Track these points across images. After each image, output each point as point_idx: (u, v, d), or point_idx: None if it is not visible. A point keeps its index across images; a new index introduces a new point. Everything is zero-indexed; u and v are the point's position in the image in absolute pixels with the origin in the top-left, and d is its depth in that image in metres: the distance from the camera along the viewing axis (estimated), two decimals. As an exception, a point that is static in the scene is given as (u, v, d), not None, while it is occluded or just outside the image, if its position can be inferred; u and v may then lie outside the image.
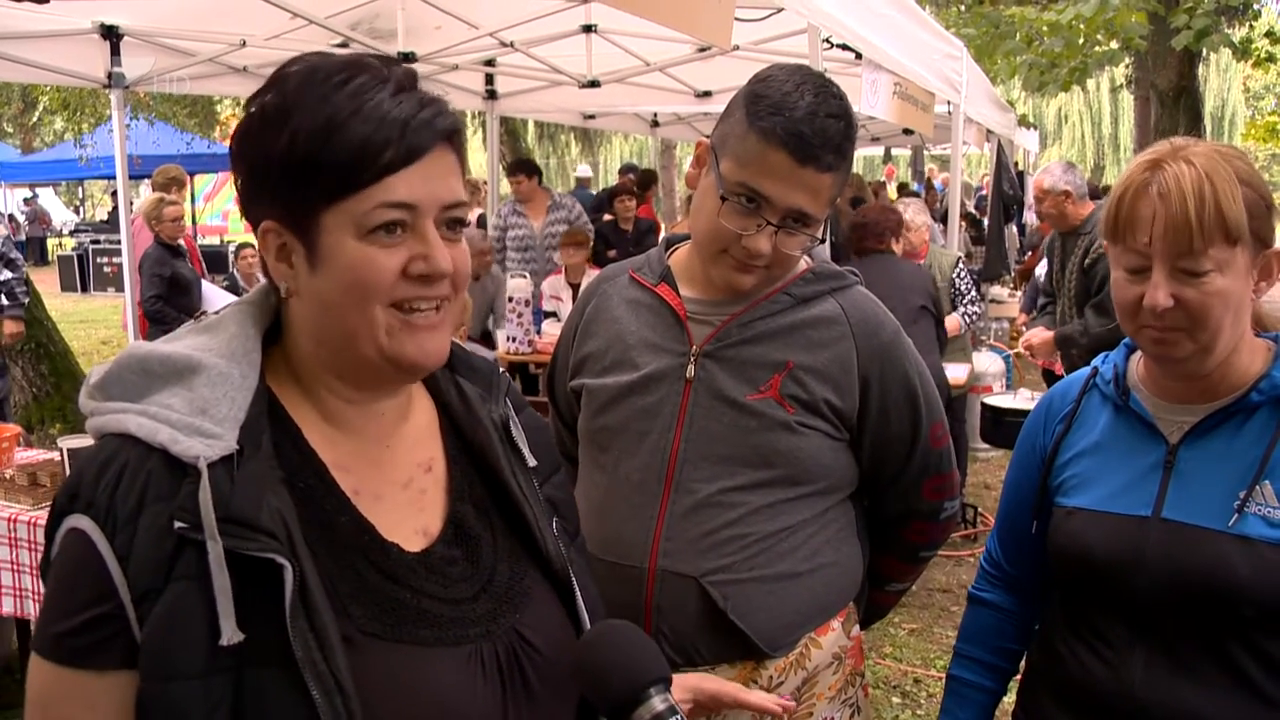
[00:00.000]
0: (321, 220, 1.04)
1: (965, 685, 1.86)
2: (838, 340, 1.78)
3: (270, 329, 1.15)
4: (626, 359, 1.83)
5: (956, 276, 6.07)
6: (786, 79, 1.68)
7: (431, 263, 1.06)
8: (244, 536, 0.97)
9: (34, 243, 26.07)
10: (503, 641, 1.13)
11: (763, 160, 1.65)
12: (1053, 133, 40.60)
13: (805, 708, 1.82)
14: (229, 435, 1.02)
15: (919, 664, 4.50)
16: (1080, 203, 5.40)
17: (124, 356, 1.08)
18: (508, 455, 1.23)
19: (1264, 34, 13.17)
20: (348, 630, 1.02)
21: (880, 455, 1.84)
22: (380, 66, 1.07)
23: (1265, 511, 1.45)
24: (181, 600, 0.97)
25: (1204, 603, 1.47)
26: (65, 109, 14.93)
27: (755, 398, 1.75)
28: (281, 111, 1.04)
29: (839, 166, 1.67)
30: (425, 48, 5.91)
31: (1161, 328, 1.46)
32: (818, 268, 1.84)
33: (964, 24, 12.11)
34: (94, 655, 0.98)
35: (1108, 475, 1.60)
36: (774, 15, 4.80)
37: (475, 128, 24.09)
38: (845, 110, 1.68)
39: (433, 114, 1.06)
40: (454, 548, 1.15)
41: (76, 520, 1.00)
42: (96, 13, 5.22)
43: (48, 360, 8.21)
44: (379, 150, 1.02)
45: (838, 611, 1.85)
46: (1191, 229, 1.40)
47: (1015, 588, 1.84)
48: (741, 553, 1.75)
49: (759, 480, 1.76)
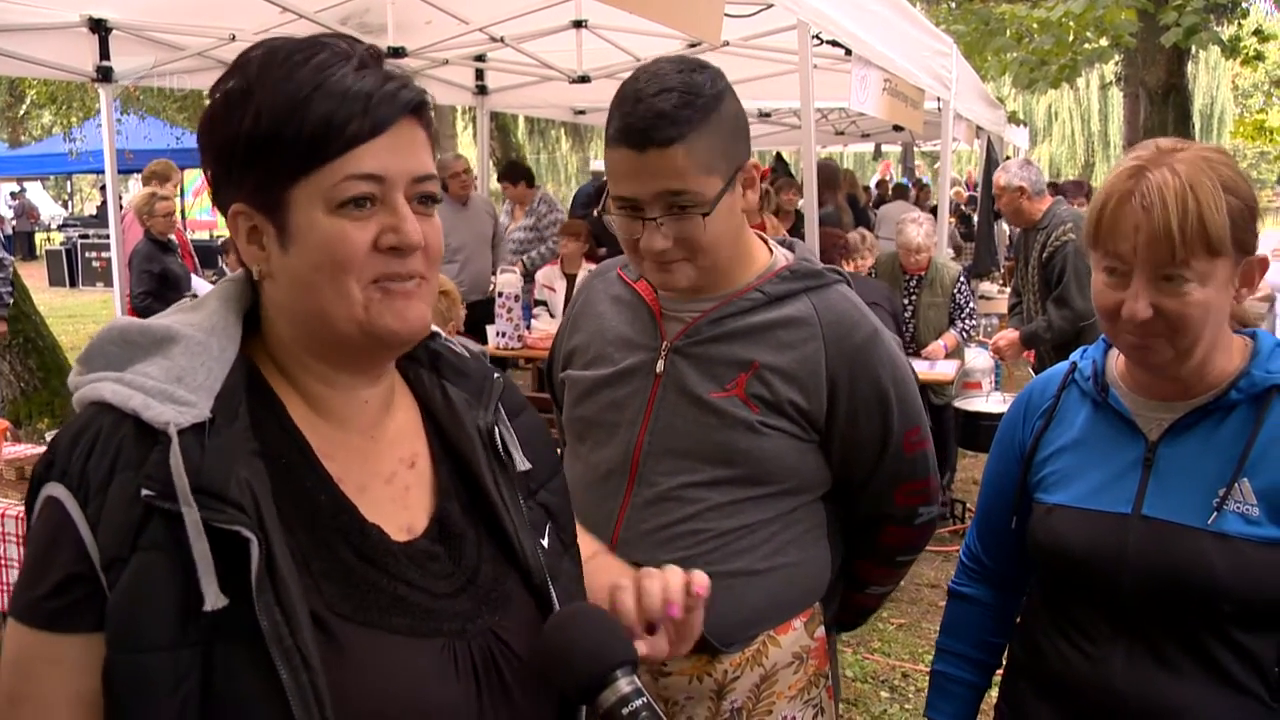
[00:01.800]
0: (290, 197, 1.04)
1: (949, 680, 1.87)
2: (806, 341, 1.76)
3: (253, 313, 1.14)
4: (605, 353, 1.86)
5: (957, 291, 6.08)
6: (632, 79, 1.67)
7: (402, 234, 1.05)
8: (211, 507, 0.97)
9: (22, 237, 25.97)
10: (478, 641, 1.11)
11: (614, 164, 1.67)
12: (1042, 130, 40.68)
13: (765, 705, 1.82)
14: (203, 404, 1.01)
15: (907, 658, 4.52)
16: (1036, 198, 5.44)
17: (105, 330, 1.08)
18: (491, 464, 1.21)
19: (1252, 32, 13.23)
20: (317, 608, 1.01)
21: (849, 458, 1.83)
22: (341, 44, 1.07)
23: (1243, 509, 1.47)
24: (148, 570, 0.96)
25: (1183, 599, 1.48)
26: (53, 103, 14.87)
27: (719, 396, 1.75)
28: (244, 93, 1.04)
29: (686, 133, 1.60)
30: (415, 42, 5.90)
31: (1141, 334, 1.46)
32: (796, 265, 1.82)
33: (954, 20, 12.15)
34: (68, 618, 0.98)
35: (1087, 472, 1.61)
36: (763, 11, 4.81)
37: (466, 123, 24.05)
38: (682, 82, 1.62)
39: (397, 87, 1.06)
40: (438, 544, 1.14)
41: (52, 488, 1.01)
42: (85, 6, 5.20)
43: (36, 355, 8.19)
44: (344, 122, 1.02)
45: (799, 612, 1.84)
46: (1174, 240, 1.39)
47: (995, 582, 1.86)
48: (697, 547, 1.75)
49: (719, 477, 1.76)
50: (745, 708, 1.81)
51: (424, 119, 1.09)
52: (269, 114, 1.02)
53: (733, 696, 1.80)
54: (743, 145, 1.72)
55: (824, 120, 11.39)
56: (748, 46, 5.70)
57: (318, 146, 1.02)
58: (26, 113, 22.71)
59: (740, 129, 1.71)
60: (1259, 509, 1.46)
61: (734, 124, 1.69)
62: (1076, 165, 39.57)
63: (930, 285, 6.10)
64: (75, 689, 0.99)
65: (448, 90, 7.52)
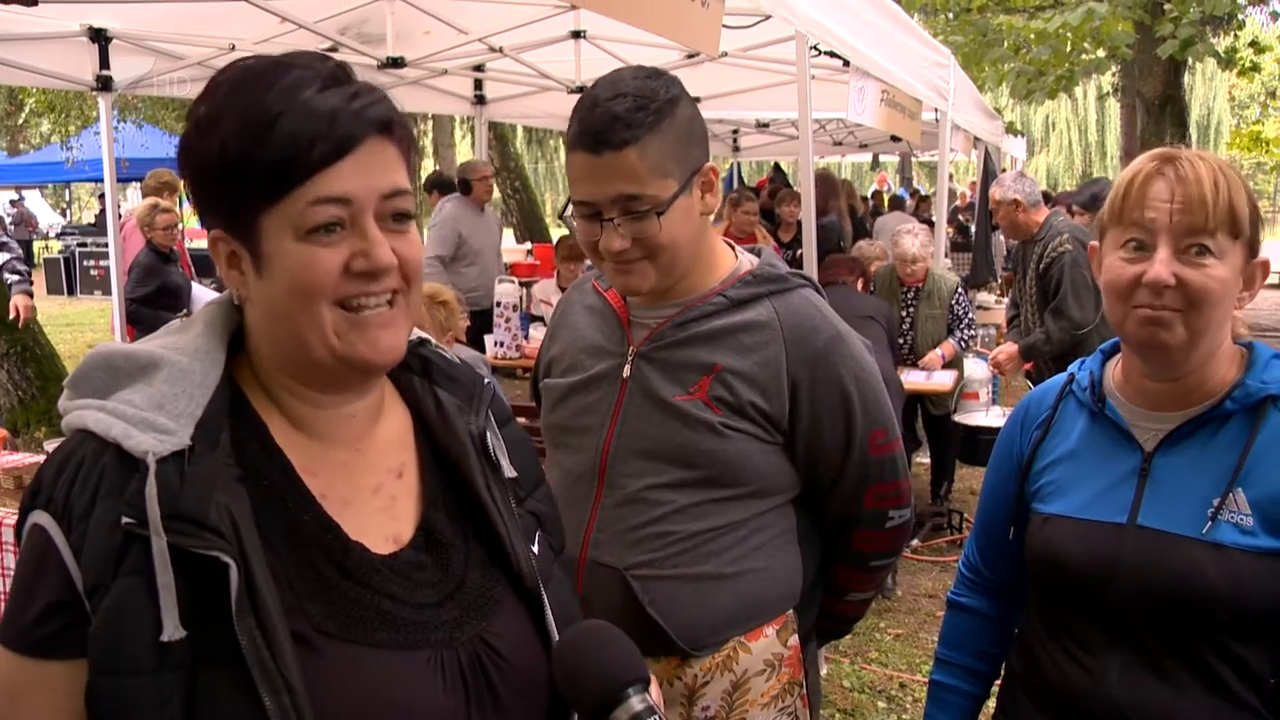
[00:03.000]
0: (261, 224, 1.04)
1: (947, 690, 1.87)
2: (767, 344, 1.78)
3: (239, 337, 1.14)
4: (578, 361, 1.91)
5: (955, 302, 6.07)
6: (590, 89, 1.72)
7: (372, 259, 1.05)
8: (189, 534, 0.97)
9: (20, 245, 25.94)
10: (466, 648, 1.12)
11: (572, 169, 1.71)
12: (1040, 140, 40.78)
13: (738, 712, 1.83)
14: (183, 431, 1.02)
15: (904, 669, 4.51)
16: (1032, 210, 5.43)
17: (92, 355, 1.09)
18: (483, 468, 1.21)
19: (1248, 43, 13.28)
20: (301, 628, 1.02)
21: (815, 460, 1.85)
22: (310, 62, 1.06)
23: (1238, 519, 1.47)
24: (128, 596, 0.97)
25: (1178, 608, 1.48)
26: (52, 111, 14.88)
27: (683, 399, 1.78)
28: (213, 120, 1.04)
29: (639, 136, 1.64)
30: (414, 52, 5.91)
31: (1158, 306, 1.47)
32: (759, 270, 1.84)
33: (952, 31, 12.19)
34: (52, 645, 0.99)
35: (1084, 482, 1.62)
36: (762, 22, 4.82)
37: (464, 133, 24.06)
38: (637, 87, 1.67)
39: (363, 104, 1.04)
40: (423, 554, 1.15)
41: (37, 516, 1.02)
42: (85, 15, 5.21)
43: (33, 363, 8.19)
44: (308, 145, 1.01)
45: (771, 618, 1.85)
46: (1208, 208, 1.44)
47: (994, 592, 1.86)
48: (665, 550, 1.78)
49: (685, 479, 1.79)
50: (718, 715, 1.83)
51: (394, 135, 1.08)
52: (234, 142, 1.02)
53: (704, 702, 1.81)
54: (698, 149, 1.75)
55: (822, 131, 11.42)
56: (746, 57, 5.72)
57: (282, 174, 1.02)
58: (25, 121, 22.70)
59: (696, 134, 1.74)
60: (1253, 519, 1.47)
61: (688, 128, 1.72)
62: (1074, 175, 39.64)
63: (928, 297, 6.10)
64: (61, 714, 1.00)
65: (446, 100, 7.54)
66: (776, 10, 3.66)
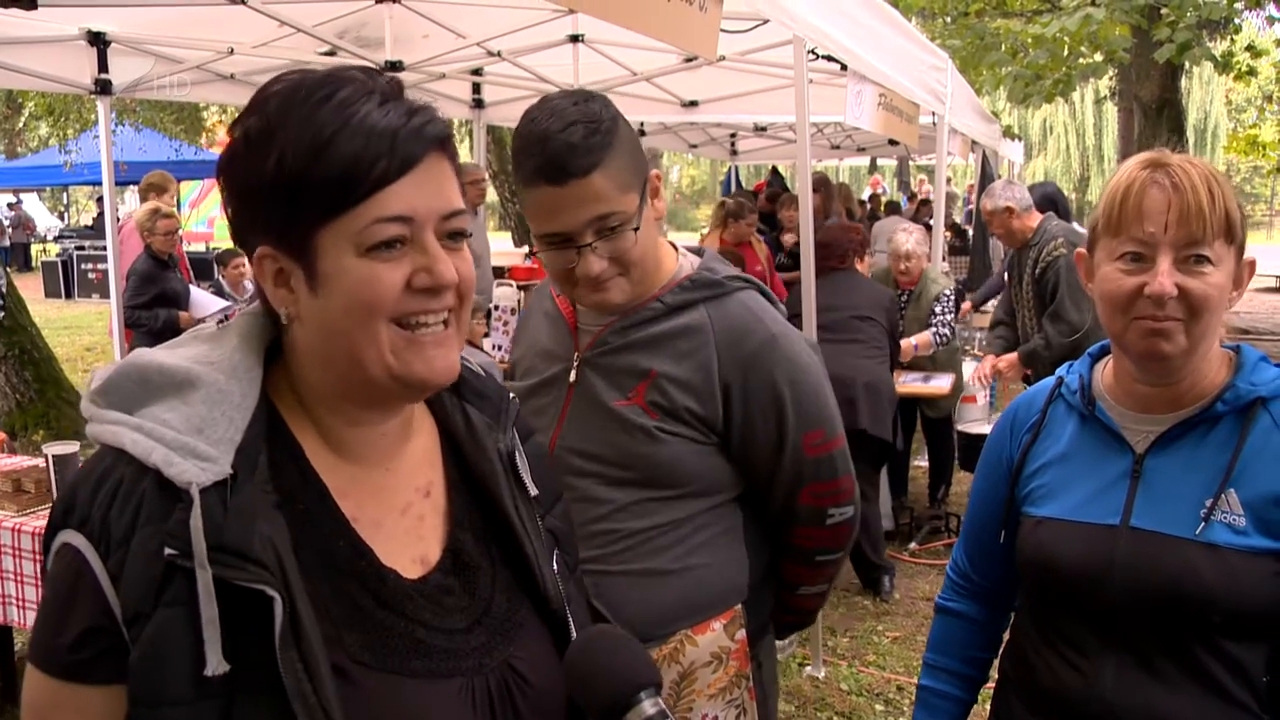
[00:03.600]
0: (318, 241, 1.02)
1: (935, 695, 1.88)
2: (700, 349, 1.84)
3: (272, 346, 1.13)
4: (533, 366, 2.00)
5: (935, 300, 6.05)
6: (525, 121, 1.74)
7: (435, 274, 1.04)
8: (235, 566, 0.96)
9: (18, 248, 25.97)
10: (495, 675, 1.12)
11: (536, 204, 1.74)
12: (1038, 144, 40.84)
13: (685, 702, 1.89)
14: (224, 459, 1.00)
15: (902, 671, 4.52)
16: (1025, 215, 5.41)
17: (125, 364, 1.07)
18: (511, 488, 1.21)
19: (1245, 48, 13.30)
20: (338, 659, 1.01)
21: (749, 460, 1.91)
22: (364, 78, 1.05)
23: (1230, 519, 1.48)
24: (170, 626, 0.96)
25: (1172, 609, 1.49)
26: (50, 114, 14.88)
27: (622, 404, 1.85)
28: (266, 134, 1.02)
29: (601, 159, 1.70)
30: (412, 56, 5.91)
31: (1161, 317, 1.47)
32: (696, 275, 1.89)
33: (949, 35, 12.21)
34: (88, 670, 0.99)
35: (1075, 485, 1.63)
36: (759, 27, 4.83)
37: (462, 136, 24.08)
38: (582, 113, 1.71)
39: (422, 122, 1.04)
40: (451, 576, 1.14)
41: (70, 536, 1.00)
42: (83, 19, 5.21)
43: (31, 367, 8.18)
44: (370, 164, 1.00)
45: (717, 613, 1.91)
46: (1205, 217, 1.45)
47: (983, 597, 1.87)
48: (610, 546, 1.85)
49: (624, 479, 1.85)
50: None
51: (449, 151, 1.08)
52: (293, 156, 1.00)
53: None
54: (643, 159, 1.81)
55: (819, 134, 11.42)
56: (744, 61, 5.72)
57: (345, 189, 1.00)
58: (24, 124, 22.71)
59: (637, 145, 1.81)
60: (1246, 519, 1.48)
61: (633, 141, 1.79)
62: (1071, 179, 39.70)
63: (916, 301, 6.10)
64: None
65: (445, 104, 7.53)
66: (774, 14, 3.67)
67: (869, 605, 5.26)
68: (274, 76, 1.08)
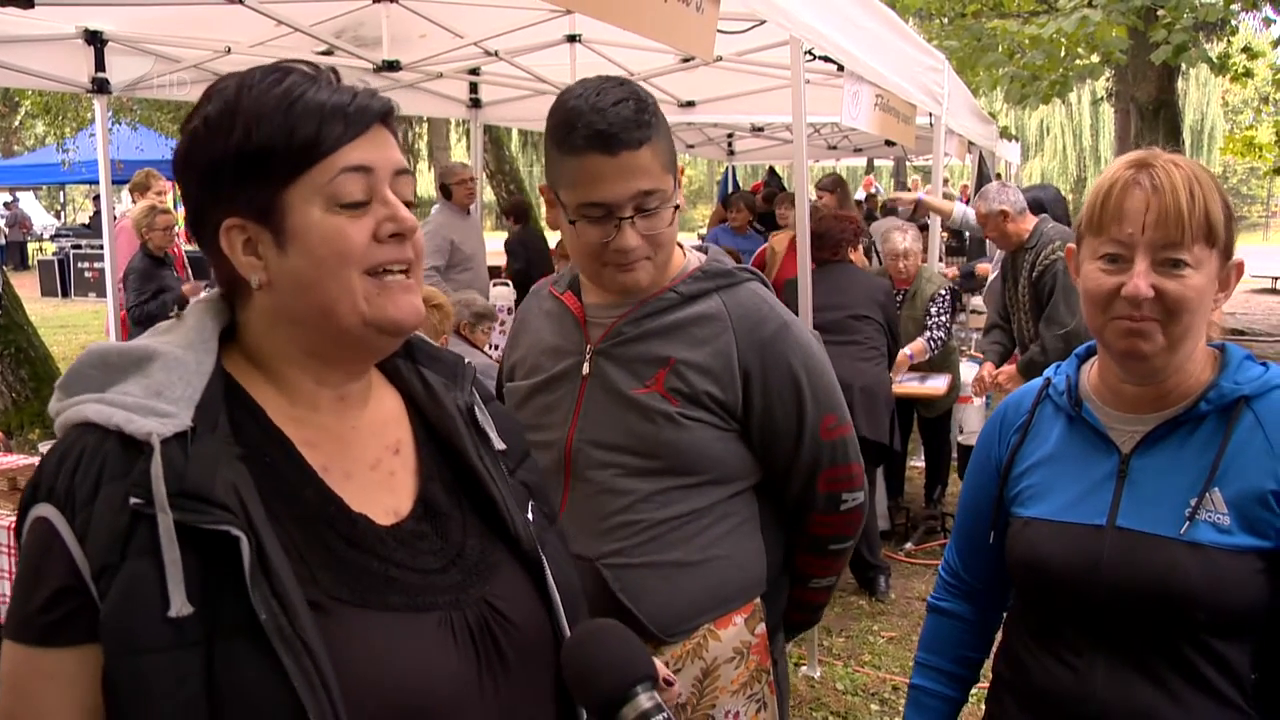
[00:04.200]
0: (286, 200, 1.09)
1: (927, 694, 1.89)
2: (718, 335, 1.87)
3: (227, 331, 1.17)
4: (538, 364, 1.99)
5: (931, 301, 6.00)
6: (568, 97, 1.77)
7: (399, 220, 1.12)
8: (198, 510, 0.99)
9: (14, 247, 25.94)
10: (473, 610, 1.14)
11: (583, 172, 1.75)
12: (1034, 145, 40.90)
13: (708, 699, 1.89)
14: (183, 414, 1.04)
15: (898, 671, 4.52)
16: (1019, 218, 5.33)
17: (84, 356, 1.11)
18: (474, 439, 1.26)
19: (1241, 49, 13.33)
20: (315, 596, 1.04)
21: (768, 445, 1.92)
22: (306, 69, 1.14)
23: (1215, 518, 1.49)
24: (138, 575, 0.98)
25: (1159, 608, 1.50)
26: (47, 113, 14.87)
27: (641, 392, 1.86)
28: (227, 113, 1.09)
29: (651, 136, 1.75)
30: (410, 56, 5.92)
31: (1137, 317, 1.49)
32: (708, 266, 1.93)
33: (946, 36, 12.22)
34: (61, 631, 1.00)
35: (1063, 485, 1.64)
36: (756, 27, 4.84)
37: (459, 135, 24.06)
38: (629, 91, 1.77)
39: (368, 98, 1.13)
40: (423, 523, 1.18)
41: (40, 509, 1.03)
42: (81, 18, 5.22)
43: (27, 365, 8.19)
44: (330, 124, 1.09)
45: (739, 606, 1.92)
46: (1183, 220, 1.45)
47: (974, 597, 1.88)
48: (634, 538, 1.85)
49: (647, 468, 1.85)
50: (689, 702, 1.88)
51: (391, 126, 1.16)
52: (259, 125, 1.08)
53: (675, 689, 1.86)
54: (674, 147, 1.85)
55: (816, 135, 11.44)
56: (741, 61, 5.73)
57: (309, 147, 1.08)
58: (20, 123, 22.69)
59: (670, 132, 1.85)
60: (1230, 518, 1.49)
61: (669, 127, 1.84)
62: (1069, 180, 39.76)
63: (911, 300, 6.06)
64: (73, 702, 1.01)
65: (442, 103, 7.55)
66: (771, 15, 3.68)
67: (865, 605, 5.27)
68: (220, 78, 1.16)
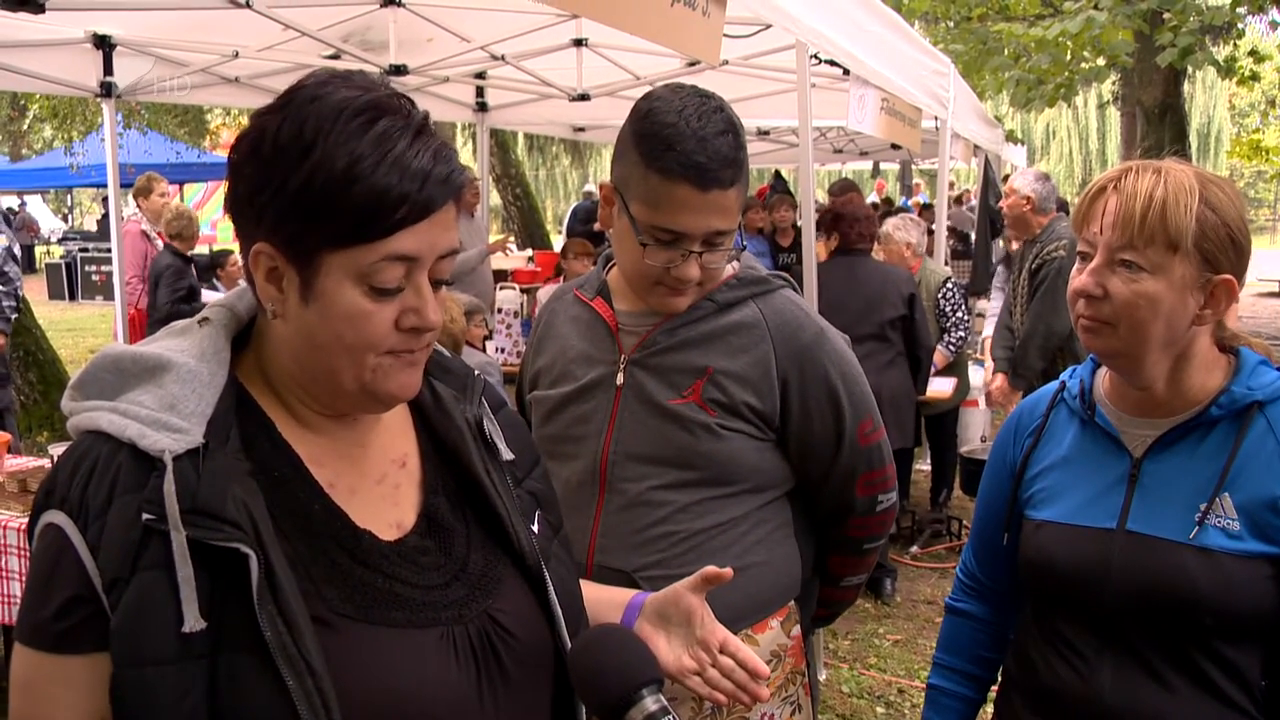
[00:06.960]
0: (323, 260, 1.05)
1: (944, 694, 1.89)
2: (756, 344, 1.84)
3: (244, 333, 1.17)
4: (568, 372, 1.94)
5: (942, 298, 5.96)
6: (668, 110, 1.72)
7: (423, 317, 1.09)
8: (209, 527, 1.00)
9: (22, 250, 25.99)
10: (475, 625, 1.15)
11: (669, 198, 1.71)
12: (1040, 148, 40.82)
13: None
14: (195, 430, 1.05)
15: (903, 674, 4.52)
16: (1040, 213, 5.38)
17: (99, 358, 1.11)
18: (481, 452, 1.25)
19: (1248, 52, 13.29)
20: (320, 611, 1.05)
21: (807, 454, 1.91)
22: (401, 107, 1.07)
23: (1224, 523, 1.50)
24: (149, 589, 0.99)
25: (1167, 612, 1.51)
26: (55, 117, 14.90)
27: (678, 402, 1.83)
28: (300, 144, 1.03)
29: (739, 177, 1.73)
30: (417, 60, 5.93)
31: (1090, 316, 1.53)
32: (742, 274, 1.91)
33: (952, 40, 12.22)
34: (71, 639, 1.02)
35: (1075, 488, 1.64)
36: (762, 32, 4.84)
37: (465, 139, 24.08)
38: (730, 122, 1.73)
39: (447, 170, 1.07)
40: (427, 538, 1.18)
41: (52, 515, 1.04)
42: (89, 22, 5.24)
43: (36, 368, 8.21)
44: (396, 205, 1.03)
45: (775, 610, 1.91)
46: (1134, 225, 1.47)
47: (990, 598, 1.88)
48: (672, 549, 1.83)
49: (684, 480, 1.83)
50: (725, 705, 1.85)
51: (459, 199, 1.12)
52: (324, 179, 1.02)
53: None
54: None
55: (822, 138, 11.43)
56: (746, 65, 5.73)
57: (366, 224, 1.03)
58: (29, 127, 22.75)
59: None
60: (1239, 523, 1.49)
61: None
62: (1074, 183, 39.64)
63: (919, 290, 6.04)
64: (82, 709, 1.03)
65: (448, 107, 7.56)
66: (777, 19, 3.68)
67: (870, 608, 5.27)
68: (309, 73, 1.10)
